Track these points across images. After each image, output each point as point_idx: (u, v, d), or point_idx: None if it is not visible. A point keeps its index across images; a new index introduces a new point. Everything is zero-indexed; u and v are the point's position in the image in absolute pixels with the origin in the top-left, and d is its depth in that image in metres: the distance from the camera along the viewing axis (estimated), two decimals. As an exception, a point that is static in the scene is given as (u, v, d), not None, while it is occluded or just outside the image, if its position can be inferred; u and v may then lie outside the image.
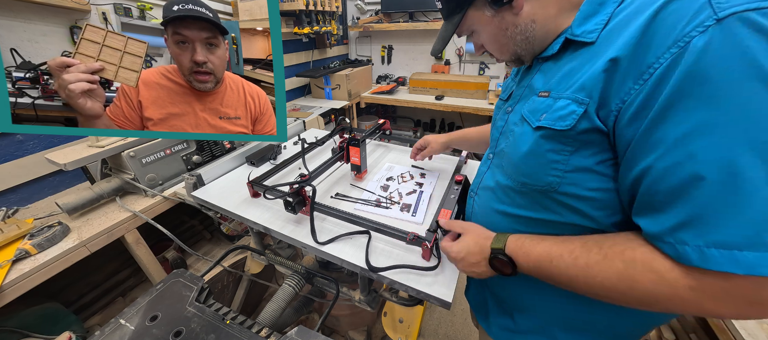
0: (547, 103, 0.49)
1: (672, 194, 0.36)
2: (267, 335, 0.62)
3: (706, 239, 0.34)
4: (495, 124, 0.67)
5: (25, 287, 0.86)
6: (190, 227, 1.66)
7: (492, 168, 0.64)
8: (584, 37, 0.45)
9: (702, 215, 0.34)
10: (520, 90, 0.59)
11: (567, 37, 0.48)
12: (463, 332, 1.63)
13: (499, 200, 0.60)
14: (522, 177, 0.53)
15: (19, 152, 1.21)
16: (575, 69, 0.46)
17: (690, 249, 0.35)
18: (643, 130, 0.37)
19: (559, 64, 0.50)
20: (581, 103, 0.43)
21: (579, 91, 0.43)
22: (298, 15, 2.28)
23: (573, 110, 0.43)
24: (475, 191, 0.70)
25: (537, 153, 0.49)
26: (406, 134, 3.32)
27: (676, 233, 0.36)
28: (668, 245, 0.37)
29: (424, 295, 0.66)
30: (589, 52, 0.44)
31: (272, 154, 1.24)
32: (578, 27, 0.47)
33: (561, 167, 0.47)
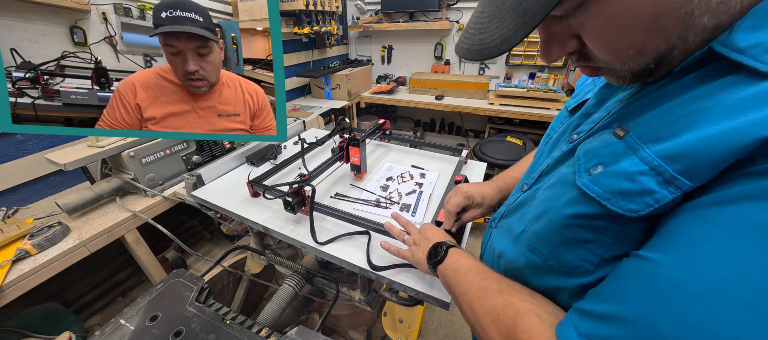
0: (615, 149, 0.30)
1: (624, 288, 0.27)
2: (267, 335, 0.62)
3: (581, 324, 0.28)
4: (549, 142, 0.49)
5: (25, 287, 0.86)
6: (190, 227, 1.66)
7: (519, 205, 0.47)
8: (755, 58, 0.23)
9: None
10: (602, 112, 0.38)
11: (713, 47, 0.25)
12: (463, 332, 1.63)
13: (503, 255, 0.47)
14: (535, 240, 0.38)
15: (19, 152, 1.21)
16: (698, 109, 0.25)
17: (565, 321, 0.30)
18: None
19: (674, 88, 0.29)
20: (671, 183, 0.24)
21: (676, 160, 0.24)
22: (298, 15, 2.28)
23: (650, 190, 0.25)
24: (495, 222, 0.55)
25: (570, 225, 0.32)
26: (406, 134, 3.32)
27: (582, 315, 0.29)
28: (567, 318, 0.30)
29: (424, 295, 0.66)
30: (749, 89, 0.23)
31: (272, 154, 1.24)
32: (746, 35, 0.24)
33: (597, 253, 0.31)
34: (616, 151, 0.29)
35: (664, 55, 0.27)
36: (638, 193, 0.26)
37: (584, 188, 0.30)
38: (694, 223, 0.23)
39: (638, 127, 0.29)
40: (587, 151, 0.33)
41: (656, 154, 0.25)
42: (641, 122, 0.29)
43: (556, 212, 0.34)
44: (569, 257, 0.33)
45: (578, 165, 0.33)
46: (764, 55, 0.22)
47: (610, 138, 0.31)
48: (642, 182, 0.26)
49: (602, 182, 0.29)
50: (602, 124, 0.37)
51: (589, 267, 0.32)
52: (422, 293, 0.66)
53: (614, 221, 0.28)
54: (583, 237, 0.31)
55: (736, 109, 0.22)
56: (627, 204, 0.27)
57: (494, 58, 0.34)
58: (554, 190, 0.36)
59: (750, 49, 0.23)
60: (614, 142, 0.30)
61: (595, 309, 0.28)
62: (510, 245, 0.45)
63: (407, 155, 1.28)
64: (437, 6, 2.66)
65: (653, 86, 0.32)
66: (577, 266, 0.33)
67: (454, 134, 3.32)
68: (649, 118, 0.29)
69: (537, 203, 0.40)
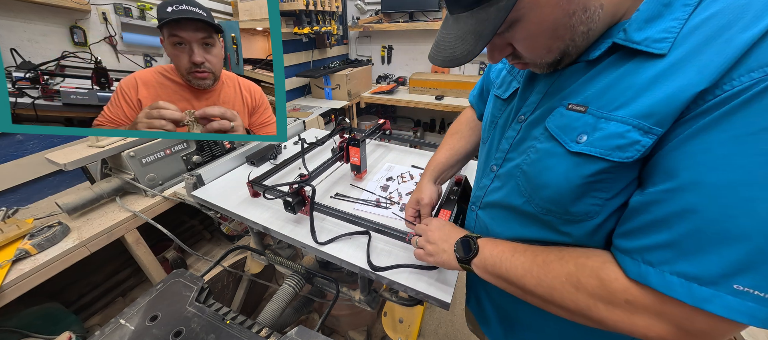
0: (585, 121, 0.40)
1: (664, 219, 0.35)
2: (267, 335, 0.62)
3: (674, 268, 0.34)
4: (496, 127, 0.58)
5: (25, 287, 0.86)
6: (190, 227, 1.66)
7: (501, 184, 0.55)
8: (649, 46, 0.36)
9: (680, 243, 0.33)
10: (536, 94, 0.49)
11: (616, 42, 0.38)
12: (463, 332, 1.63)
13: (513, 224, 0.54)
14: (548, 203, 0.46)
15: (19, 152, 1.21)
16: (630, 84, 0.37)
17: (653, 271, 0.35)
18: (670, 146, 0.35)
19: (599, 72, 0.41)
20: (649, 132, 0.35)
21: (645, 118, 0.35)
22: (298, 15, 2.28)
23: (636, 140, 0.36)
24: (477, 205, 0.62)
25: (573, 180, 0.41)
26: (406, 134, 3.32)
27: (646, 253, 0.36)
28: (634, 261, 0.37)
29: (424, 295, 0.66)
30: (651, 66, 0.36)
31: (272, 154, 1.24)
32: (638, 32, 0.37)
33: (603, 196, 0.41)
34: (588, 122, 0.40)
35: (564, 51, 0.41)
36: (629, 144, 0.36)
37: (586, 152, 0.39)
38: (681, 156, 0.34)
39: (593, 102, 0.40)
40: (561, 127, 0.43)
41: (632, 116, 0.36)
42: (592, 98, 0.41)
43: (564, 178, 0.42)
44: (582, 207, 0.42)
45: (562, 139, 0.42)
46: (653, 44, 0.36)
47: (573, 114, 0.42)
48: (630, 137, 0.36)
49: (600, 143, 0.38)
50: (543, 104, 0.48)
51: (598, 209, 0.42)
52: (422, 293, 0.66)
53: (615, 169, 0.38)
54: (592, 189, 0.41)
55: (655, 78, 0.35)
56: (624, 154, 0.37)
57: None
58: (545, 162, 0.45)
59: (643, 41, 0.36)
60: (580, 116, 0.41)
61: (650, 242, 0.36)
62: (513, 217, 0.53)
63: (407, 155, 1.28)
64: (437, 6, 2.66)
65: (570, 72, 0.44)
66: (588, 211, 0.42)
67: (454, 134, 3.32)
68: (596, 94, 0.40)
69: (529, 176, 0.48)
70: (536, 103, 0.49)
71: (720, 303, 0.31)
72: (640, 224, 0.37)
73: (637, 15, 0.37)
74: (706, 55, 0.32)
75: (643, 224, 0.37)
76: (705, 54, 0.32)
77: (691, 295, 0.32)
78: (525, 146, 0.50)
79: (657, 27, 0.36)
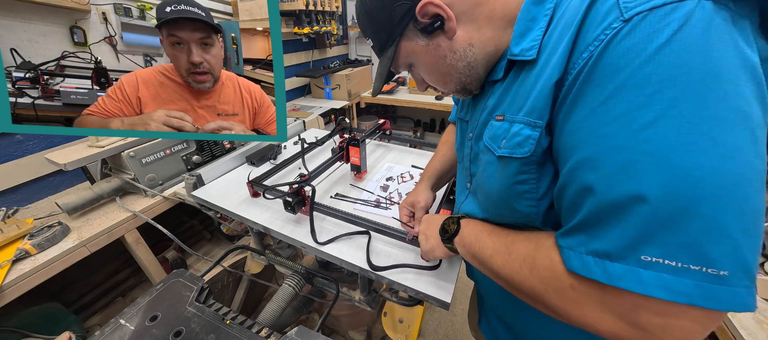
0: (504, 127, 0.45)
1: (571, 201, 0.36)
2: (267, 335, 0.62)
3: (588, 247, 0.33)
4: (462, 149, 0.63)
5: (25, 287, 0.86)
6: (190, 227, 1.66)
7: (471, 198, 0.60)
8: (523, 55, 0.43)
9: (588, 223, 0.34)
10: (478, 113, 0.55)
11: (508, 58, 0.46)
12: (463, 332, 1.63)
13: None
14: (499, 209, 0.50)
15: (19, 152, 1.21)
16: (523, 90, 0.43)
17: (573, 254, 0.35)
18: (556, 132, 0.39)
19: (507, 85, 0.48)
20: (535, 126, 0.40)
21: (530, 114, 0.41)
22: (298, 15, 2.28)
23: (528, 135, 0.41)
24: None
25: (505, 184, 0.46)
26: (406, 134, 3.32)
27: (567, 237, 0.36)
28: (560, 248, 0.37)
29: (424, 295, 0.66)
30: (532, 70, 0.42)
31: (272, 154, 1.24)
32: (516, 46, 0.44)
33: (533, 196, 0.44)
34: (505, 127, 0.45)
35: (459, 81, 0.52)
36: (524, 139, 0.41)
37: (504, 154, 0.44)
38: (563, 140, 0.37)
39: (507, 110, 0.46)
40: (492, 137, 0.48)
41: (524, 115, 0.42)
42: (506, 107, 0.47)
43: (498, 182, 0.47)
44: (521, 208, 0.46)
45: (492, 147, 0.48)
46: (526, 52, 0.42)
47: (497, 123, 0.47)
48: (524, 133, 0.41)
49: (508, 144, 0.44)
50: (483, 120, 0.53)
51: (535, 211, 0.45)
52: (422, 293, 0.66)
53: (526, 165, 0.42)
54: (520, 189, 0.44)
55: (532, 80, 0.41)
56: (523, 149, 0.42)
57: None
58: (488, 172, 0.50)
59: (520, 53, 0.43)
60: (501, 124, 0.46)
61: (569, 225, 0.36)
62: None
63: (407, 155, 1.28)
64: (437, 6, 2.66)
65: (497, 86, 0.50)
66: (528, 213, 0.45)
67: (454, 134, 3.32)
68: (507, 103, 0.46)
69: (482, 189, 0.53)
70: (478, 120, 0.54)
71: (633, 278, 0.29)
72: (561, 212, 0.39)
73: (514, 34, 0.44)
74: (558, 49, 0.37)
75: (562, 211, 0.39)
76: (558, 49, 0.37)
77: (606, 274, 0.31)
78: (478, 161, 0.55)
79: (527, 39, 0.43)
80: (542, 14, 0.42)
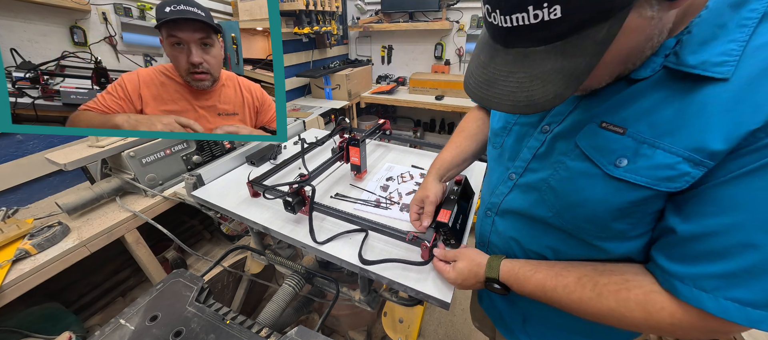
0: (624, 143, 0.39)
1: (721, 251, 0.36)
2: (267, 335, 0.62)
3: (727, 294, 0.36)
4: (510, 133, 0.57)
5: (25, 287, 0.86)
6: (190, 227, 1.66)
7: (522, 194, 0.54)
8: (706, 70, 0.33)
9: (737, 274, 0.35)
10: (565, 106, 0.47)
11: (668, 65, 0.36)
12: (463, 332, 1.63)
13: (539, 234, 0.54)
14: (581, 222, 0.46)
15: (19, 152, 1.21)
16: (688, 114, 0.35)
17: (706, 297, 0.37)
18: (730, 188, 0.35)
19: (633, 89, 0.39)
20: (701, 165, 0.34)
21: (698, 151, 0.34)
22: (298, 15, 2.28)
23: (687, 172, 0.35)
24: (494, 212, 0.62)
25: (614, 204, 0.41)
26: (406, 134, 3.32)
27: (700, 280, 0.37)
28: (687, 287, 0.38)
29: (424, 295, 0.66)
30: (712, 94, 0.33)
31: (272, 154, 1.24)
32: (693, 55, 0.34)
33: (640, 218, 0.41)
34: (627, 145, 0.39)
35: (621, 75, 0.40)
36: (679, 176, 0.36)
37: (630, 180, 0.39)
38: (740, 192, 0.34)
39: (633, 124, 0.39)
40: (596, 147, 0.42)
41: (684, 147, 0.35)
42: (631, 119, 0.39)
43: (602, 200, 0.42)
44: (618, 226, 0.43)
45: (599, 161, 0.41)
46: (713, 68, 0.33)
47: (609, 134, 0.40)
48: (680, 169, 0.36)
49: (646, 173, 0.38)
50: (573, 116, 0.46)
51: (631, 228, 0.43)
52: (422, 293, 0.66)
53: (659, 197, 0.39)
54: (632, 212, 0.41)
55: (715, 107, 0.33)
56: (673, 184, 0.37)
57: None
58: (579, 182, 0.44)
59: (700, 65, 0.34)
60: (619, 138, 0.40)
61: (709, 270, 0.37)
62: (539, 227, 0.53)
63: (407, 155, 1.28)
64: (437, 6, 2.66)
65: (616, 90, 0.41)
66: (623, 230, 0.43)
67: (454, 134, 3.32)
68: (636, 115, 0.39)
69: (559, 193, 0.47)
70: (565, 114, 0.47)
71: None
72: (695, 253, 0.38)
73: (690, 37, 0.35)
74: (763, 87, 0.31)
75: (698, 253, 0.38)
76: (762, 86, 0.31)
77: (746, 318, 0.35)
78: (552, 160, 0.48)
79: (713, 50, 0.33)
80: (737, 24, 0.33)
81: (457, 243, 0.72)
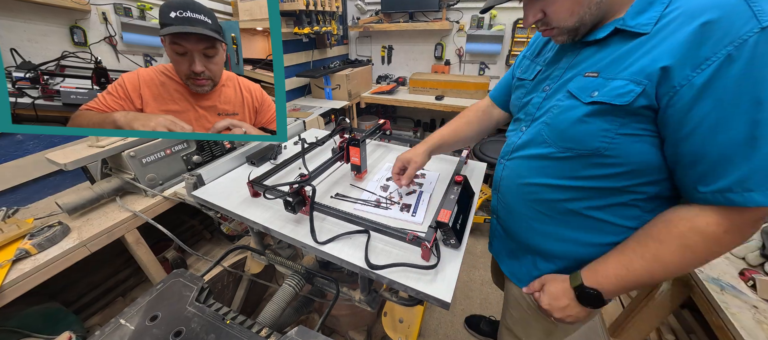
0: (597, 82, 0.56)
1: (728, 152, 0.47)
2: (267, 335, 0.62)
3: (745, 185, 0.47)
4: (523, 100, 0.75)
5: (25, 287, 0.86)
6: (190, 227, 1.66)
7: (528, 137, 0.70)
8: (639, 28, 0.53)
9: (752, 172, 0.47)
10: (558, 71, 0.66)
11: (618, 26, 0.55)
12: (463, 333, 1.63)
13: (539, 171, 0.67)
14: (568, 143, 0.60)
15: (19, 152, 1.21)
16: (627, 54, 0.54)
17: (734, 195, 0.48)
18: (708, 106, 0.47)
19: (605, 50, 0.57)
20: (639, 83, 0.51)
21: (637, 74, 0.51)
22: (298, 15, 2.28)
23: (631, 89, 0.52)
24: (507, 157, 0.76)
25: (588, 122, 0.57)
26: (406, 134, 3.32)
27: (746, 181, 0.47)
28: (733, 194, 0.48)
29: (424, 295, 0.66)
30: (642, 42, 0.52)
31: (272, 154, 1.24)
32: (632, 19, 0.54)
33: (610, 134, 0.55)
34: (599, 82, 0.56)
35: (581, 19, 0.57)
36: (627, 92, 0.52)
37: (598, 100, 0.55)
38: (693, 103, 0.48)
39: (602, 70, 0.57)
40: (579, 88, 0.59)
41: (629, 75, 0.53)
42: (601, 67, 0.57)
43: (579, 120, 0.58)
44: (594, 142, 0.57)
45: (580, 96, 0.58)
46: (642, 26, 0.53)
47: (588, 79, 0.58)
48: (628, 88, 0.52)
49: (607, 94, 0.54)
50: (564, 77, 0.64)
51: (608, 144, 0.56)
52: (422, 293, 0.66)
53: (617, 109, 0.54)
54: (600, 122, 0.56)
55: (642, 49, 0.52)
56: (623, 99, 0.53)
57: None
58: (566, 114, 0.60)
59: (636, 25, 0.54)
60: (593, 80, 0.57)
61: (699, 171, 0.51)
62: (536, 163, 0.68)
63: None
64: (437, 6, 2.66)
65: (588, 49, 0.61)
66: (599, 147, 0.57)
67: (454, 134, 3.32)
68: (604, 64, 0.57)
69: (552, 126, 0.63)
70: (559, 77, 0.65)
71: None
72: (694, 165, 0.51)
73: (632, 9, 0.55)
74: (675, 35, 0.48)
75: (697, 165, 0.51)
76: (675, 35, 0.48)
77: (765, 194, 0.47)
78: (548, 106, 0.65)
79: (645, 16, 0.53)
80: (659, 1, 0.52)
81: (458, 243, 0.72)
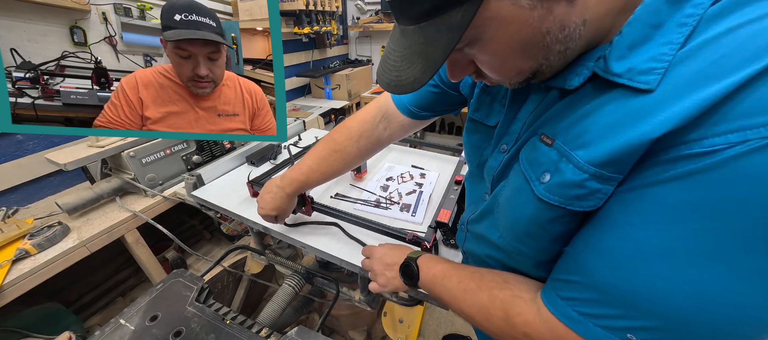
0: (550, 156, 0.35)
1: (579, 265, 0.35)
2: (267, 335, 0.62)
3: (586, 311, 0.34)
4: (482, 153, 0.53)
5: (25, 287, 0.86)
6: (190, 227, 1.66)
7: (485, 214, 0.50)
8: (632, 81, 0.28)
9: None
10: (517, 124, 0.44)
11: (596, 71, 0.32)
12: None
13: (491, 256, 0.51)
14: (519, 245, 0.42)
15: (19, 152, 1.21)
16: (606, 123, 0.30)
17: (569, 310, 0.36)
18: None
19: (571, 98, 0.36)
20: (608, 180, 0.30)
21: (607, 165, 0.29)
22: (298, 15, 2.28)
23: (597, 188, 0.31)
24: (465, 226, 0.58)
25: (540, 224, 0.37)
26: (406, 134, 3.32)
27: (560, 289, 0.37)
28: (551, 289, 0.38)
29: (424, 295, 0.66)
30: (634, 102, 0.28)
31: (272, 154, 1.24)
32: (618, 62, 0.29)
33: (569, 237, 0.37)
34: (552, 158, 0.35)
35: (536, 71, 0.35)
36: (590, 193, 0.32)
37: (545, 199, 0.35)
38: (619, 207, 0.31)
39: (561, 134, 0.35)
40: (530, 161, 0.38)
41: (590, 163, 0.31)
42: (561, 130, 0.35)
43: (532, 218, 0.38)
44: (556, 248, 0.39)
45: (528, 175, 0.38)
46: (637, 76, 0.28)
47: (542, 146, 0.36)
48: (589, 186, 0.31)
49: (559, 191, 0.34)
50: (525, 134, 0.42)
51: (557, 249, 0.39)
52: (422, 292, 0.66)
53: (576, 214, 0.34)
54: (560, 229, 0.37)
55: (634, 116, 0.28)
56: (586, 203, 0.32)
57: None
58: (517, 199, 0.40)
59: (625, 73, 0.29)
60: (547, 150, 0.35)
61: (568, 278, 0.36)
62: (492, 248, 0.50)
63: (407, 155, 1.28)
64: (437, 6, 2.65)
65: (551, 99, 0.39)
66: (558, 250, 0.39)
67: (454, 134, 3.32)
68: (566, 125, 0.34)
69: (505, 214, 0.44)
70: (518, 132, 0.44)
71: None
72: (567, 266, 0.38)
73: (619, 39, 0.30)
74: (692, 94, 0.25)
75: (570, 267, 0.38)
76: (692, 93, 0.25)
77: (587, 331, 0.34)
78: (506, 180, 0.45)
79: (642, 54, 0.28)
80: (677, 23, 0.27)
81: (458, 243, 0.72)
